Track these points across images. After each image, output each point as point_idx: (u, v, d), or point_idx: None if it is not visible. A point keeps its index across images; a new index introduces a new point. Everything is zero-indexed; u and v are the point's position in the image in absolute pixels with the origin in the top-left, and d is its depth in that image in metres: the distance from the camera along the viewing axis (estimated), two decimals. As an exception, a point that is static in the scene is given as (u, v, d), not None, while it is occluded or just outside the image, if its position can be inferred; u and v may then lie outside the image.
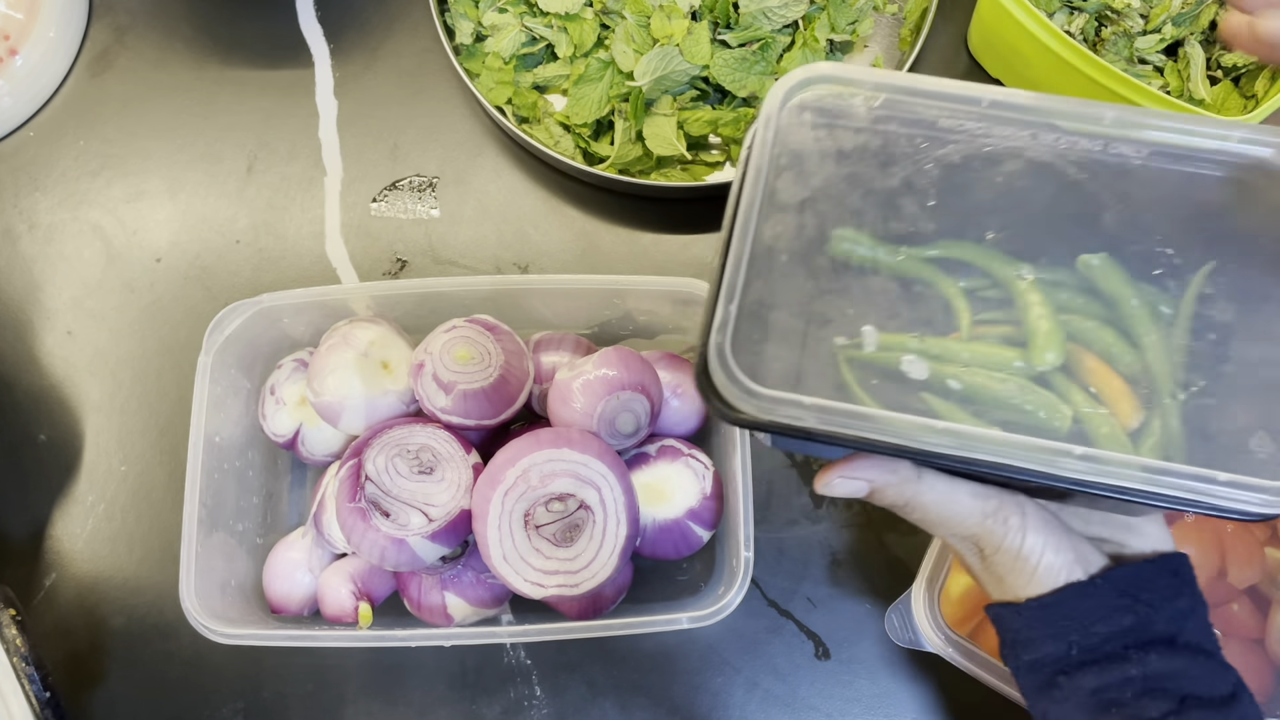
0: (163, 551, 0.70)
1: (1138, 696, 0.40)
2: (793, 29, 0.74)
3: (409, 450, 0.60)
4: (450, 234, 0.76)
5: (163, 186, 0.78)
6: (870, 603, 0.68)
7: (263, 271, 0.76)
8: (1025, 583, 0.42)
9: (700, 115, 0.73)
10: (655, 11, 0.72)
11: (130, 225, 0.77)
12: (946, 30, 0.79)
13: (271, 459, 0.70)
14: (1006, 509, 0.42)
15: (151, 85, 0.80)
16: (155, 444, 0.72)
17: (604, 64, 0.72)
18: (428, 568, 0.60)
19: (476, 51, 0.76)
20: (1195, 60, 0.71)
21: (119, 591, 0.70)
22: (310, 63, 0.80)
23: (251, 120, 0.79)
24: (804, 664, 0.67)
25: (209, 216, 0.77)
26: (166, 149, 0.79)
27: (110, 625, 0.69)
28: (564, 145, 0.74)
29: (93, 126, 0.79)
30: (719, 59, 0.72)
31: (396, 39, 0.80)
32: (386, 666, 0.68)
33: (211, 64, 0.80)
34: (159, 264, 0.76)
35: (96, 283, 0.76)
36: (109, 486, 0.72)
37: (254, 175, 0.78)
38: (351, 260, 0.76)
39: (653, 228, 0.76)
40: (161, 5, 0.82)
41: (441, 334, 0.62)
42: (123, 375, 0.74)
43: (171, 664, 0.68)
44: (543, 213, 0.76)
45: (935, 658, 0.60)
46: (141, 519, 0.71)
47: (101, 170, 0.78)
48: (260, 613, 0.65)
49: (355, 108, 0.79)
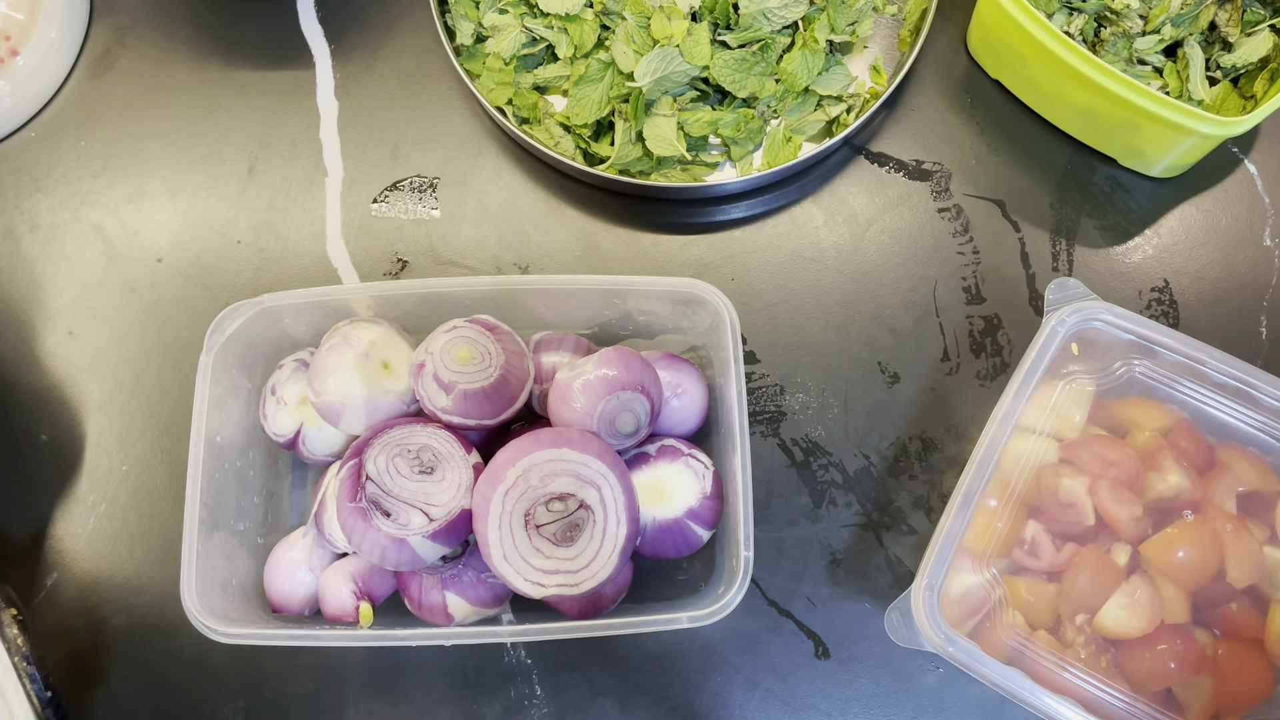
0: (164, 551, 0.70)
1: None
2: (792, 30, 0.74)
3: (410, 450, 0.60)
4: (451, 234, 0.76)
5: (164, 187, 0.78)
6: (870, 602, 0.68)
7: (264, 272, 0.76)
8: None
9: (700, 116, 0.73)
10: (655, 12, 0.72)
11: (131, 225, 0.77)
12: (946, 31, 0.79)
13: (272, 458, 0.70)
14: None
15: (152, 86, 0.80)
16: (156, 444, 0.72)
17: (604, 65, 0.72)
18: (428, 567, 0.60)
19: (477, 52, 0.76)
20: (1194, 61, 0.71)
21: (120, 591, 0.70)
22: (311, 63, 0.80)
23: (252, 121, 0.79)
24: (804, 663, 0.67)
25: (210, 217, 0.77)
26: (167, 149, 0.78)
27: (111, 625, 0.69)
28: (564, 146, 0.74)
29: (94, 127, 0.79)
30: (719, 60, 0.72)
31: (397, 40, 0.80)
32: (387, 666, 0.68)
33: (212, 65, 0.80)
34: (160, 264, 0.76)
35: (98, 283, 0.76)
36: (110, 486, 0.72)
37: (255, 176, 0.78)
38: (352, 260, 0.76)
39: (653, 228, 0.76)
40: (162, 6, 0.82)
41: (442, 334, 0.62)
42: (124, 375, 0.74)
43: (173, 664, 0.68)
44: (543, 213, 0.76)
45: (935, 657, 0.60)
46: (143, 519, 0.71)
47: (103, 171, 0.78)
48: (261, 612, 0.65)
49: (356, 108, 0.79)
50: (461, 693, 0.67)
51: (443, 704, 0.67)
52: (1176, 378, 0.63)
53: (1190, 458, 0.61)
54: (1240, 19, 0.71)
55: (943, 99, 0.78)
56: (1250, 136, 0.76)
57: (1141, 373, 0.63)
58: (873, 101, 0.73)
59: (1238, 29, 0.71)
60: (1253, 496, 0.60)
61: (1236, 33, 0.71)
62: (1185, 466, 0.60)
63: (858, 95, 0.76)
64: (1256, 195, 0.75)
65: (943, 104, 0.78)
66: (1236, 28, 0.71)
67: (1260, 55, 0.70)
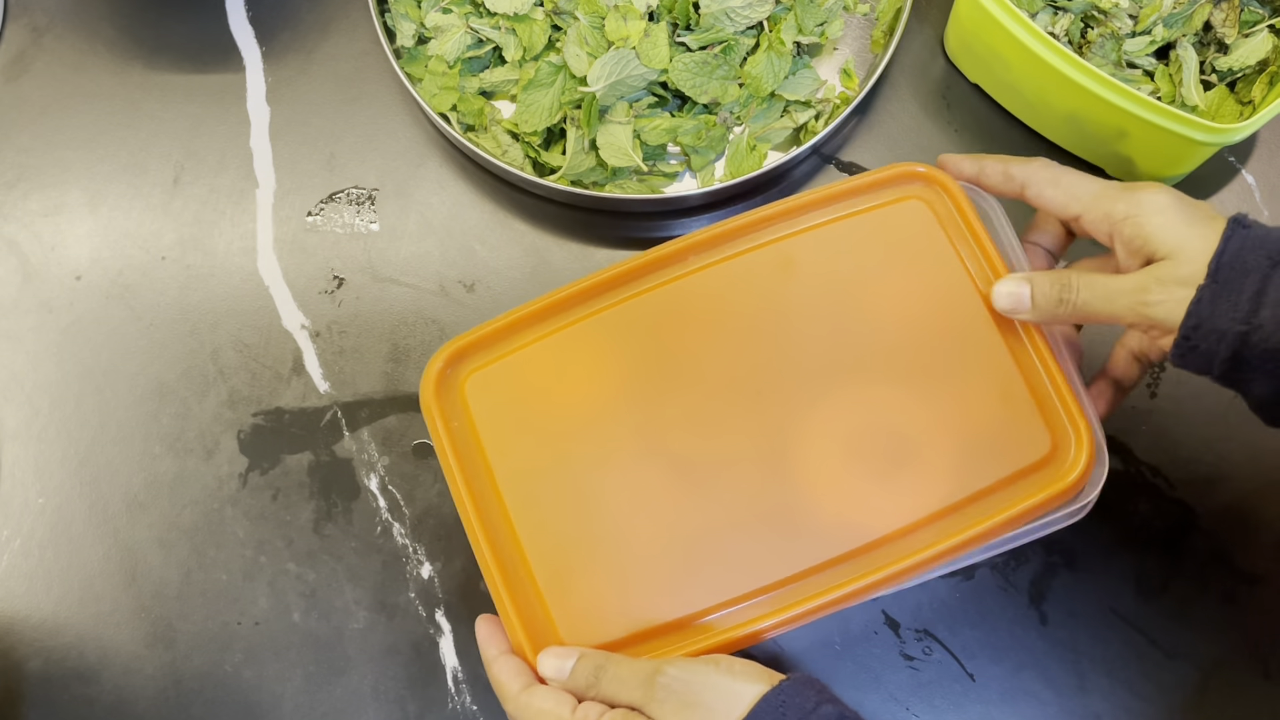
0: (83, 590, 0.67)
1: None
2: (757, 31, 0.72)
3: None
4: (391, 250, 0.73)
5: (83, 199, 0.75)
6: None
7: (190, 290, 0.72)
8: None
9: (658, 123, 0.70)
10: (610, 12, 0.69)
11: (48, 241, 0.74)
12: (922, 32, 0.77)
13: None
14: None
15: (71, 91, 0.77)
16: (75, 475, 0.69)
17: (555, 68, 0.70)
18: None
19: (419, 55, 0.73)
20: (1188, 64, 0.69)
21: (35, 633, 0.66)
22: (241, 66, 0.77)
23: (178, 128, 0.76)
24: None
25: (132, 231, 0.74)
26: (87, 159, 0.76)
27: (27, 669, 0.66)
28: (512, 155, 0.71)
29: (7, 135, 0.76)
30: (678, 63, 0.69)
31: (333, 41, 0.77)
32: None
33: (135, 68, 0.77)
34: (79, 282, 0.73)
35: (12, 302, 0.73)
36: (25, 520, 0.68)
37: (181, 187, 0.75)
38: (285, 278, 0.72)
39: (607, 243, 0.73)
40: (82, 5, 0.79)
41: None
42: (40, 401, 0.71)
43: (92, 710, 0.65)
44: (490, 227, 0.73)
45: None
46: (60, 555, 0.68)
47: (17, 182, 0.75)
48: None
49: (289, 115, 0.76)
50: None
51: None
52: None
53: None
54: (1237, 19, 0.69)
55: (918, 104, 0.75)
56: (1248, 145, 0.73)
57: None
58: (843, 107, 0.71)
59: (1234, 30, 0.69)
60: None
61: (1233, 34, 0.69)
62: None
63: (827, 100, 0.73)
64: (1255, 207, 0.73)
65: (918, 110, 0.75)
66: (1233, 28, 0.69)
67: (1258, 58, 0.68)
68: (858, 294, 0.58)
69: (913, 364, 0.57)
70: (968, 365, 0.56)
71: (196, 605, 0.66)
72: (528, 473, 0.57)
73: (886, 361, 0.57)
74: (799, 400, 0.57)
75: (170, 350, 0.71)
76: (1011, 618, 0.64)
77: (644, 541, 0.55)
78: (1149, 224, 0.50)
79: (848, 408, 0.56)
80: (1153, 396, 0.68)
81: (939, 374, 0.56)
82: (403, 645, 0.65)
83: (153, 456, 0.69)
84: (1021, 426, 0.55)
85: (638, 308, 0.59)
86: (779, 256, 0.59)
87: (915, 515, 0.54)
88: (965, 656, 0.64)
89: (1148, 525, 0.66)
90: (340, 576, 0.66)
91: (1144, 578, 0.65)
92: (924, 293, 0.57)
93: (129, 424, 0.69)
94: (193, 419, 0.69)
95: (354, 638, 0.65)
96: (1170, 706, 0.63)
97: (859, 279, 0.58)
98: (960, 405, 0.56)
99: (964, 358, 0.56)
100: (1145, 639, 0.64)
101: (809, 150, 0.70)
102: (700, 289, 0.59)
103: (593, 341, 0.59)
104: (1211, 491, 0.66)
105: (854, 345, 0.57)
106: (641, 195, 0.70)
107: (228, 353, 0.71)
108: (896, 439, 0.56)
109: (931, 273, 0.58)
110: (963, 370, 0.56)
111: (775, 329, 0.58)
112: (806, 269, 0.59)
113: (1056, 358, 0.55)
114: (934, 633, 0.64)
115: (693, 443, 0.57)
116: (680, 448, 0.57)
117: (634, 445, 0.57)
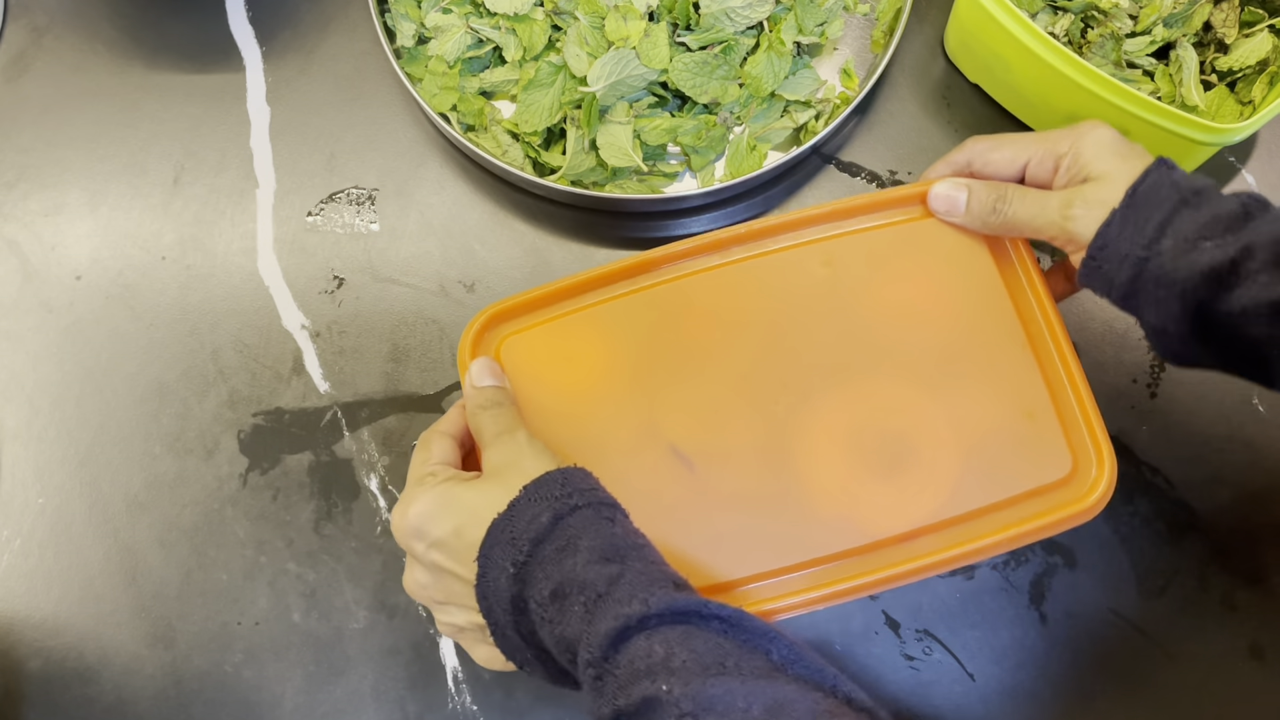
0: (83, 590, 0.67)
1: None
2: (757, 31, 0.71)
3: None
4: (391, 250, 0.72)
5: (83, 199, 0.74)
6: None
7: (190, 290, 0.72)
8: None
9: (658, 123, 0.70)
10: (610, 12, 0.69)
11: (48, 240, 0.74)
12: (922, 32, 0.77)
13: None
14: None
15: (71, 91, 0.77)
16: (75, 475, 0.69)
17: (555, 68, 0.69)
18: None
19: (419, 54, 0.73)
20: (1188, 64, 0.69)
21: (36, 633, 0.66)
22: (241, 66, 0.77)
23: (178, 128, 0.75)
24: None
25: (132, 231, 0.74)
26: (87, 159, 0.75)
27: (27, 669, 0.66)
28: (512, 155, 0.71)
29: (8, 135, 0.76)
30: (678, 63, 0.69)
31: (333, 41, 0.77)
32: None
33: (135, 68, 0.77)
34: (79, 282, 0.73)
35: (12, 302, 0.72)
36: (25, 520, 0.68)
37: (181, 187, 0.74)
38: (285, 278, 0.72)
39: (607, 243, 0.72)
40: (82, 5, 0.78)
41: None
42: (40, 401, 0.70)
43: (92, 709, 0.65)
44: (490, 227, 0.73)
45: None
46: (60, 555, 0.68)
47: (17, 182, 0.75)
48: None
49: (289, 115, 0.75)
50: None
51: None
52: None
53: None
54: (1237, 19, 0.69)
55: (918, 104, 0.75)
56: (1248, 145, 0.73)
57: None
58: (843, 107, 0.71)
59: (1234, 29, 0.69)
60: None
61: (1233, 33, 0.69)
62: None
63: (827, 100, 0.73)
64: (1254, 208, 0.72)
65: (918, 110, 0.75)
66: (1233, 28, 0.69)
67: (1258, 58, 0.68)
68: (895, 302, 0.58)
69: (943, 373, 0.57)
70: (998, 379, 0.56)
71: (196, 605, 0.66)
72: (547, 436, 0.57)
73: (915, 369, 0.57)
74: (823, 399, 0.57)
75: (170, 350, 0.71)
76: (1011, 618, 0.64)
77: (657, 521, 0.54)
78: (1086, 152, 0.54)
79: (872, 409, 0.56)
80: (1153, 397, 0.68)
81: (967, 385, 0.57)
82: (403, 645, 0.65)
83: (153, 456, 0.69)
84: (1046, 445, 0.55)
85: (681, 289, 0.59)
86: (820, 256, 0.59)
87: (928, 520, 0.54)
88: (965, 656, 0.64)
89: (1148, 525, 0.66)
90: (340, 576, 0.66)
91: (1144, 578, 0.65)
92: (958, 305, 0.58)
93: (129, 424, 0.69)
94: (193, 419, 0.69)
95: (354, 638, 0.65)
96: (1170, 706, 0.63)
97: (895, 286, 0.58)
98: (986, 417, 0.56)
99: (995, 372, 0.57)
100: (1145, 639, 0.64)
101: (809, 150, 0.70)
102: (741, 280, 0.59)
103: (626, 319, 0.59)
104: (1211, 491, 0.66)
105: (887, 350, 0.57)
106: (641, 195, 0.69)
107: (228, 353, 0.71)
108: (917, 444, 0.56)
109: (968, 286, 0.58)
110: (993, 384, 0.56)
111: (809, 328, 0.58)
112: (845, 272, 0.59)
113: (1087, 381, 0.55)
114: (934, 633, 0.64)
115: (702, 435, 0.57)
116: (693, 437, 0.57)
117: (649, 428, 0.57)
